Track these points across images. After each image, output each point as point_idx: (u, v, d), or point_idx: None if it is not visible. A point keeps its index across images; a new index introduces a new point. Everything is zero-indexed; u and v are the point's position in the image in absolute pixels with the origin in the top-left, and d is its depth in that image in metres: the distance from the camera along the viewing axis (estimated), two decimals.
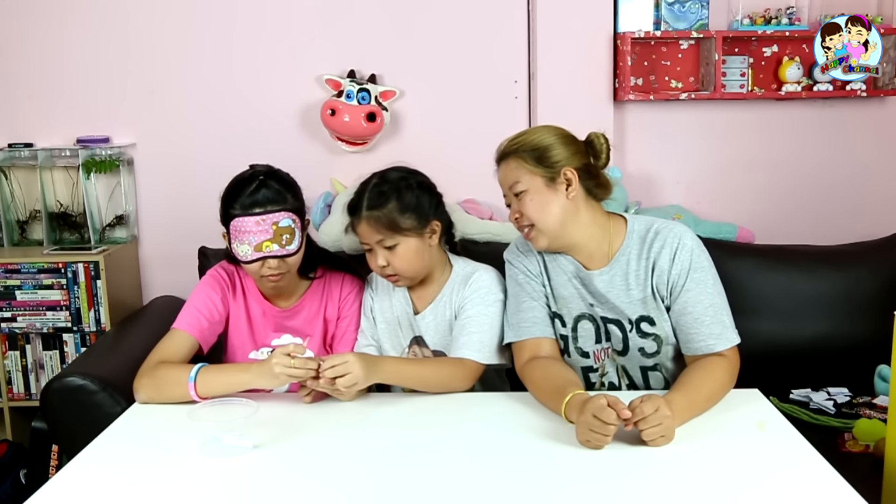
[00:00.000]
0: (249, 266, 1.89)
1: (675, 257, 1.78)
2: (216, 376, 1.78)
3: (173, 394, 1.78)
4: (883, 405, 2.16)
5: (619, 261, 1.82)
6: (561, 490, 1.39)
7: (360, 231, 1.90)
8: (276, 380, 1.73)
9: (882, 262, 2.57)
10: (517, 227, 1.86)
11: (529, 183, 1.80)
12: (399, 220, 1.86)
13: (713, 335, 1.75)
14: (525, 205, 1.80)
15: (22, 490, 2.42)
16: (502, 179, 1.86)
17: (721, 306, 1.78)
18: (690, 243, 1.79)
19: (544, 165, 1.79)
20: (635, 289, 1.81)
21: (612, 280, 1.82)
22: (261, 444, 1.55)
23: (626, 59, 2.71)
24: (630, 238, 1.83)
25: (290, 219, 1.87)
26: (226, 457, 1.51)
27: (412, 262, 1.89)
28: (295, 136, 2.84)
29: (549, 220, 1.79)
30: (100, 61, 2.79)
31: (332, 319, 2.05)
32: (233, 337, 2.04)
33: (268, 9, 2.78)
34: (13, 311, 2.60)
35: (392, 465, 1.50)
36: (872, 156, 2.94)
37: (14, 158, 2.76)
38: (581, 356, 1.88)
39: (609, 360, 1.88)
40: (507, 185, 1.84)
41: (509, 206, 1.87)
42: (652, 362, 1.84)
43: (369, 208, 1.87)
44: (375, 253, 1.89)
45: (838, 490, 1.37)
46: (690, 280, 1.77)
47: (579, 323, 1.86)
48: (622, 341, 1.84)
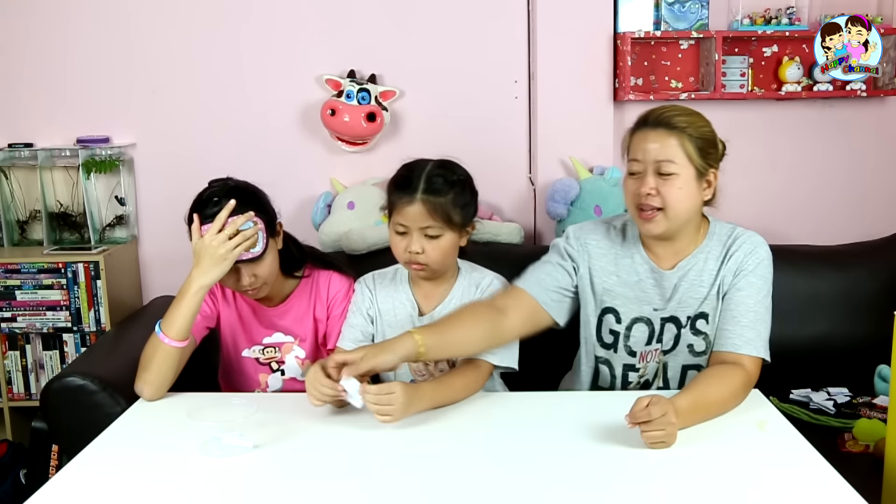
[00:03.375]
0: (226, 281, 1.88)
1: (743, 259, 1.79)
2: (171, 311, 1.80)
3: (160, 361, 1.79)
4: (883, 405, 2.16)
5: (696, 257, 1.81)
6: (559, 489, 1.39)
7: (408, 211, 1.80)
8: (217, 264, 1.77)
9: (882, 262, 2.57)
10: (637, 202, 1.74)
11: (683, 169, 1.72)
12: (451, 213, 1.82)
13: (744, 337, 1.73)
14: (670, 188, 1.71)
15: (22, 490, 2.42)
16: (651, 149, 1.72)
17: (763, 318, 1.77)
18: (763, 253, 1.80)
19: (703, 159, 1.74)
20: (706, 286, 1.80)
21: (686, 276, 1.81)
22: (261, 444, 1.55)
23: (626, 59, 2.71)
24: (710, 239, 1.83)
25: (253, 222, 1.84)
26: (226, 457, 1.51)
27: (446, 256, 1.86)
28: (295, 136, 2.84)
29: (682, 213, 1.74)
30: (100, 61, 2.79)
31: (321, 318, 2.05)
32: (226, 336, 2.04)
33: (268, 9, 2.78)
34: (13, 311, 2.60)
35: (393, 465, 1.50)
36: (872, 156, 2.94)
37: (14, 158, 2.76)
38: (628, 354, 1.87)
39: (654, 361, 1.86)
40: (653, 157, 1.72)
41: (634, 173, 1.75)
42: (696, 361, 1.84)
43: (428, 192, 1.80)
44: (412, 237, 1.82)
45: (838, 490, 1.37)
46: (745, 281, 1.77)
47: (635, 324, 1.85)
48: (674, 338, 1.83)
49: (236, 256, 1.80)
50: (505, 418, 1.70)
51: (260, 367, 2.05)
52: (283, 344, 2.03)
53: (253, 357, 2.04)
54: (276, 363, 2.04)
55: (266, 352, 2.03)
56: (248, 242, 1.81)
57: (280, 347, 2.03)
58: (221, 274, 1.80)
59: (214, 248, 1.77)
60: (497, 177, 2.00)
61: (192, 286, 1.80)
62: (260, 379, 2.05)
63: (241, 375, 2.06)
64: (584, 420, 1.68)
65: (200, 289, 1.80)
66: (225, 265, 1.79)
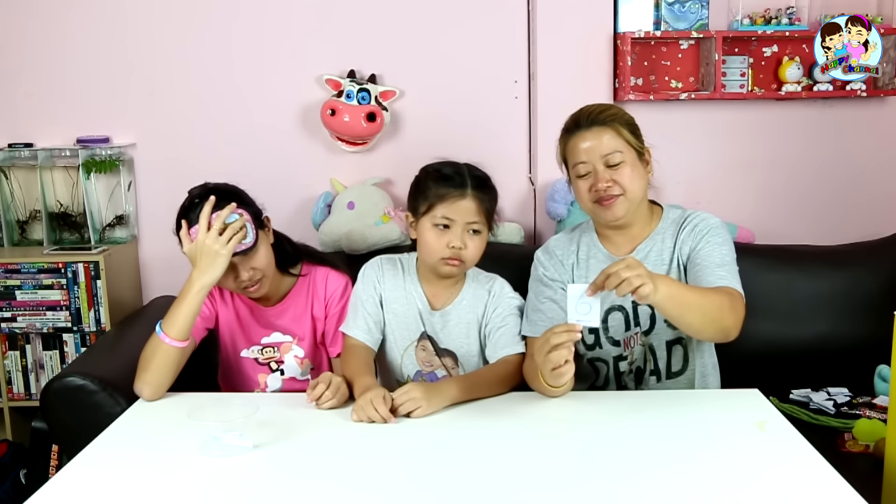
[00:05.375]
0: (225, 283, 1.89)
1: (696, 228, 1.87)
2: (172, 311, 1.81)
3: (160, 361, 1.79)
4: (883, 405, 2.16)
5: (654, 239, 1.90)
6: (559, 489, 1.39)
7: (459, 205, 1.82)
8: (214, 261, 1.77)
9: (882, 262, 2.57)
10: (598, 196, 1.83)
11: (627, 154, 1.84)
12: (493, 212, 1.90)
13: (721, 277, 1.77)
14: (622, 174, 1.82)
15: (22, 490, 2.42)
16: (594, 147, 1.84)
17: (731, 265, 1.82)
18: (714, 221, 1.89)
19: (638, 139, 1.87)
20: (666, 264, 1.88)
21: (646, 257, 1.88)
22: (261, 444, 1.55)
23: (626, 59, 2.71)
24: (665, 221, 1.93)
25: (237, 213, 1.85)
26: (226, 457, 1.51)
27: (481, 253, 1.90)
28: (295, 136, 2.84)
29: (639, 192, 1.85)
30: (100, 61, 2.79)
31: (319, 317, 2.05)
32: (224, 337, 2.05)
33: (268, 9, 2.78)
34: (13, 311, 2.60)
35: (394, 464, 1.50)
36: (872, 156, 2.94)
37: (14, 158, 2.76)
38: (612, 345, 1.92)
39: (638, 345, 1.90)
40: (599, 154, 1.83)
41: (582, 176, 1.85)
42: (676, 335, 1.88)
43: (477, 188, 1.85)
44: (455, 232, 1.83)
45: (838, 490, 1.37)
46: (704, 241, 1.85)
47: (609, 315, 1.90)
48: (650, 318, 1.88)
49: (232, 249, 1.80)
50: (505, 418, 1.70)
51: (259, 367, 2.05)
52: (281, 344, 2.03)
53: (252, 357, 2.04)
54: (275, 363, 2.04)
55: (265, 352, 2.04)
56: (240, 234, 1.82)
57: (279, 347, 2.04)
58: (221, 270, 1.81)
59: (209, 245, 1.79)
60: (497, 177, 2.00)
61: (193, 287, 1.80)
62: (259, 379, 2.05)
63: (240, 376, 2.06)
64: (583, 420, 1.69)
65: (202, 288, 1.80)
66: (221, 260, 1.79)
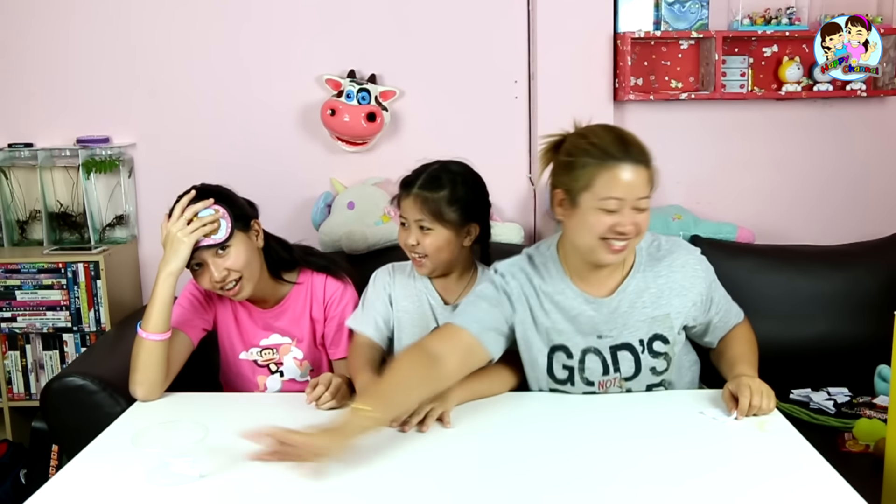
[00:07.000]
0: (202, 282, 1.89)
1: (692, 287, 1.80)
2: (149, 308, 1.82)
3: (144, 359, 1.80)
4: (883, 405, 2.16)
5: (634, 277, 1.78)
6: (559, 489, 1.39)
7: (404, 205, 1.95)
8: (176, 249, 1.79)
9: (882, 262, 2.57)
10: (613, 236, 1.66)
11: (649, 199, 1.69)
12: (444, 210, 1.91)
13: (732, 313, 1.93)
14: (643, 219, 1.67)
15: (22, 490, 2.42)
16: (636, 186, 1.64)
17: (725, 294, 1.92)
18: (693, 261, 1.83)
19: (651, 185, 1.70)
20: (649, 307, 1.78)
21: (626, 297, 1.77)
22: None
23: (626, 59, 2.71)
24: (639, 254, 1.81)
25: (213, 209, 1.85)
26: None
27: (440, 251, 1.92)
28: (295, 136, 2.84)
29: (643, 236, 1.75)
30: (100, 61, 2.79)
31: (318, 319, 2.05)
32: (223, 339, 2.05)
33: (268, 9, 2.78)
34: (13, 311, 2.60)
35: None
36: (872, 156, 2.94)
37: (14, 158, 2.76)
38: (586, 384, 1.82)
39: (615, 387, 1.82)
40: (636, 195, 1.64)
41: (610, 211, 1.64)
42: (659, 380, 1.82)
43: (421, 188, 1.92)
44: (410, 230, 1.94)
45: (838, 490, 1.37)
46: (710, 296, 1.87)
47: (586, 356, 1.79)
48: (634, 364, 1.79)
49: (195, 238, 1.81)
50: (502, 418, 1.70)
51: (258, 368, 2.04)
52: (280, 345, 2.03)
53: (251, 359, 2.04)
54: (274, 365, 2.04)
55: (264, 354, 2.03)
56: (208, 227, 1.82)
57: (278, 349, 2.03)
58: (184, 257, 1.81)
59: (173, 233, 1.81)
60: (497, 177, 2.01)
61: (160, 275, 1.82)
62: (259, 381, 2.05)
63: (239, 378, 2.06)
64: (582, 420, 1.69)
65: (168, 276, 1.81)
66: (184, 248, 1.80)
